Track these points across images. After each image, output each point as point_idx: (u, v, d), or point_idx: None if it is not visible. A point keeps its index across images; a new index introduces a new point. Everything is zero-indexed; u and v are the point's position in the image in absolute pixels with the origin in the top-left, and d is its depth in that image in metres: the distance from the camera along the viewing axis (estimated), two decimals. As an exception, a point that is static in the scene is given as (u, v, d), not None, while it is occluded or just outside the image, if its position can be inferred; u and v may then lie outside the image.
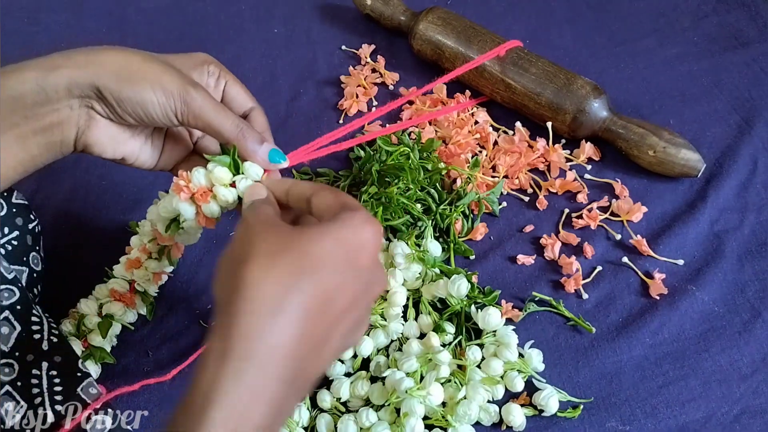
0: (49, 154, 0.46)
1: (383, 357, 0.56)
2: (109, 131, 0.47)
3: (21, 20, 0.88)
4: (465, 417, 0.51)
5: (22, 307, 0.51)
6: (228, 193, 0.48)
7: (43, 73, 0.43)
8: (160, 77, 0.45)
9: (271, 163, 0.48)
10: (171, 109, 0.45)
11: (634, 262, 0.60)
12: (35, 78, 0.43)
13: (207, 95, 0.46)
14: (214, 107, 0.46)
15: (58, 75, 0.43)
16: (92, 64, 0.44)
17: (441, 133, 0.69)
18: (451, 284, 0.55)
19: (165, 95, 0.45)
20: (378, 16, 0.80)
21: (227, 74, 0.52)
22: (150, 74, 0.44)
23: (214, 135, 0.47)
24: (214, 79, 0.51)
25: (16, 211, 0.58)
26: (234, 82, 0.52)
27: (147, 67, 0.45)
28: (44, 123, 0.44)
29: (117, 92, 0.44)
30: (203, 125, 0.46)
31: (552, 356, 0.55)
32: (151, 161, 0.51)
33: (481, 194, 0.63)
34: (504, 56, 0.68)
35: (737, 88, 0.71)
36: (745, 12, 0.78)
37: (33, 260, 0.58)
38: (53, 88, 0.43)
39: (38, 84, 0.43)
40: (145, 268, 0.58)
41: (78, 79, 0.43)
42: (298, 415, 0.53)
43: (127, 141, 0.49)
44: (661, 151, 0.62)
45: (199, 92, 0.45)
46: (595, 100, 0.64)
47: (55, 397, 0.48)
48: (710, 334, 0.56)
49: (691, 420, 0.52)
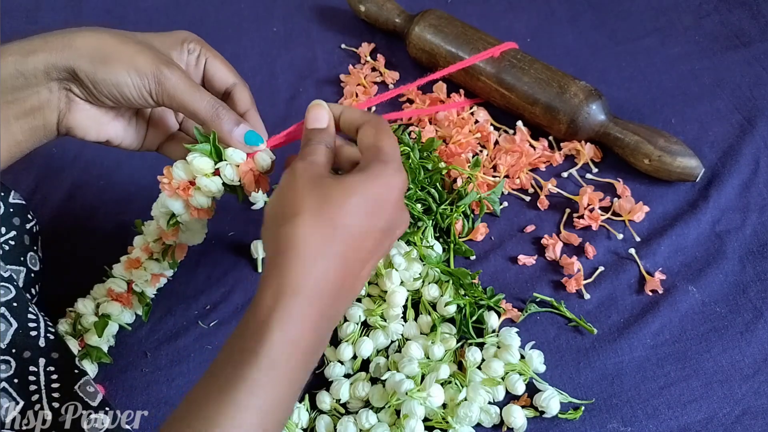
0: (33, 138, 0.46)
1: (383, 358, 0.56)
2: (90, 113, 0.47)
3: (20, 20, 0.88)
4: (466, 418, 0.50)
5: (19, 304, 0.51)
6: (210, 183, 0.47)
7: (21, 57, 0.43)
8: (133, 58, 0.44)
9: (247, 144, 0.48)
10: (146, 90, 0.45)
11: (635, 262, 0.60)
12: (13, 62, 0.43)
13: (182, 74, 0.46)
14: (188, 87, 0.46)
15: (36, 58, 0.43)
16: (67, 47, 0.44)
17: (441, 132, 0.69)
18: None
19: (139, 76, 0.44)
20: (373, 21, 0.80)
21: (208, 50, 0.51)
22: (124, 55, 0.44)
23: (190, 116, 0.47)
24: (194, 57, 0.51)
25: (14, 211, 0.58)
26: (214, 58, 0.51)
27: (121, 48, 0.45)
28: (25, 107, 0.45)
29: (92, 74, 0.44)
30: (177, 105, 0.46)
31: (553, 357, 0.55)
32: (135, 143, 0.52)
33: (481, 194, 0.63)
34: (498, 60, 0.67)
35: (739, 88, 0.71)
36: (746, 11, 0.78)
37: (31, 260, 0.58)
38: (32, 72, 0.44)
39: (17, 68, 0.43)
40: (144, 269, 0.58)
41: (54, 62, 0.44)
42: (297, 417, 0.52)
43: (110, 123, 0.49)
44: (657, 160, 0.62)
45: (173, 72, 0.45)
46: (590, 106, 0.64)
47: (53, 395, 0.48)
48: (712, 334, 0.55)
49: (693, 421, 0.51)
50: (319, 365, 0.57)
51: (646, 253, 0.60)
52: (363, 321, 0.57)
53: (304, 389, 0.55)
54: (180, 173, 0.48)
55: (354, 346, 0.56)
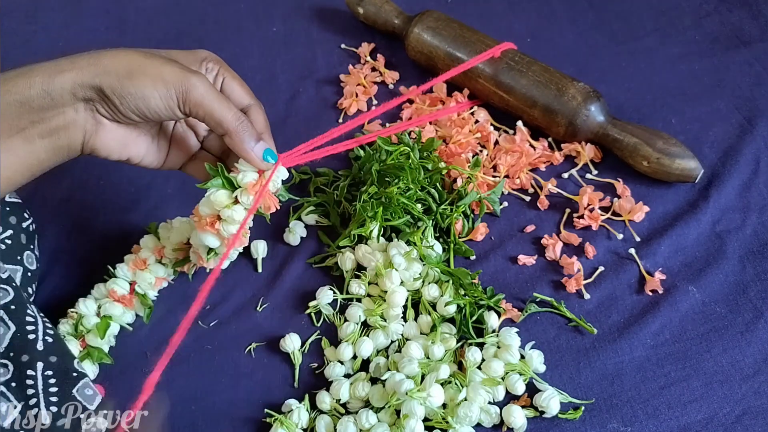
0: (55, 157, 0.47)
1: (383, 358, 0.56)
2: (115, 134, 0.48)
3: (20, 20, 0.88)
4: (466, 418, 0.50)
5: (17, 306, 0.51)
6: (233, 213, 0.49)
7: (49, 77, 0.44)
8: (159, 70, 0.45)
9: (263, 162, 0.49)
10: (173, 101, 0.46)
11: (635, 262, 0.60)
12: (41, 82, 0.44)
13: (208, 84, 0.47)
14: (216, 96, 0.47)
15: (63, 78, 0.44)
16: (94, 65, 0.45)
17: (441, 132, 0.69)
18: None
19: (166, 86, 0.45)
20: (372, 23, 0.80)
21: (226, 70, 0.52)
22: (150, 69, 0.45)
23: (215, 125, 0.48)
24: (212, 75, 0.52)
25: (10, 209, 0.58)
26: (232, 79, 0.52)
27: (147, 62, 0.46)
28: (50, 126, 0.45)
29: (119, 89, 0.45)
30: (204, 114, 0.47)
31: (553, 357, 0.55)
32: (157, 161, 0.53)
33: (481, 194, 0.63)
34: (497, 62, 0.67)
35: (739, 88, 0.71)
36: (746, 11, 0.78)
37: (28, 259, 0.58)
38: (58, 92, 0.44)
39: (44, 88, 0.44)
40: (149, 271, 0.58)
41: (81, 81, 0.44)
42: (297, 417, 0.52)
43: (133, 142, 0.50)
44: (655, 162, 0.62)
45: (200, 80, 0.46)
46: (588, 108, 0.64)
47: (51, 398, 0.48)
48: (712, 334, 0.55)
49: (693, 421, 0.51)
50: (319, 365, 0.57)
51: (646, 253, 0.60)
52: (363, 321, 0.57)
53: (304, 389, 0.55)
54: (205, 209, 0.49)
55: (354, 346, 0.56)
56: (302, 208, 0.65)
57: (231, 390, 0.56)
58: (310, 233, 0.64)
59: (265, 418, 0.53)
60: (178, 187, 0.68)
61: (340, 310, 0.59)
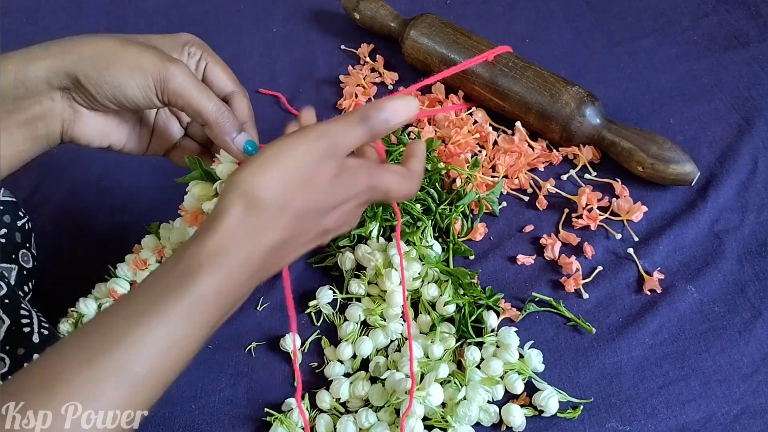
0: (35, 147, 0.46)
1: (383, 357, 0.56)
2: (94, 122, 0.47)
3: (20, 20, 0.88)
4: (465, 418, 0.51)
5: (11, 300, 0.50)
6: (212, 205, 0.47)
7: (21, 65, 0.43)
8: (136, 57, 0.44)
9: (243, 153, 0.47)
10: (150, 89, 0.44)
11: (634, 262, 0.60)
12: (14, 71, 0.42)
13: (188, 72, 0.45)
14: (196, 85, 0.45)
15: (36, 66, 0.43)
16: (69, 52, 0.43)
17: (440, 132, 0.69)
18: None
19: (143, 75, 0.44)
20: (368, 28, 0.80)
21: (210, 55, 0.50)
22: (126, 56, 0.44)
23: (194, 115, 0.46)
24: (194, 60, 0.50)
25: (4, 208, 0.58)
26: (215, 63, 0.50)
27: (124, 49, 0.44)
28: (27, 116, 0.44)
29: (95, 78, 0.43)
30: (183, 103, 0.45)
31: (552, 356, 0.55)
32: (139, 148, 0.51)
33: (480, 194, 0.63)
34: (492, 67, 0.67)
35: (737, 88, 0.71)
36: (745, 11, 0.78)
37: (23, 257, 0.58)
38: (33, 81, 0.43)
39: (17, 78, 0.42)
40: (149, 271, 0.58)
41: (55, 69, 0.43)
42: (297, 416, 0.52)
43: (114, 130, 0.48)
44: (650, 168, 0.62)
45: (179, 68, 0.44)
46: (582, 114, 0.64)
47: None
48: (710, 334, 0.55)
49: (692, 420, 0.51)
50: (319, 365, 0.57)
51: (644, 253, 0.60)
52: (362, 320, 0.58)
53: (305, 388, 0.55)
54: (190, 203, 0.48)
55: (354, 346, 0.56)
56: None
57: (231, 389, 0.56)
58: (310, 233, 0.64)
59: (265, 417, 0.54)
60: (176, 187, 0.68)
61: (339, 310, 0.59)
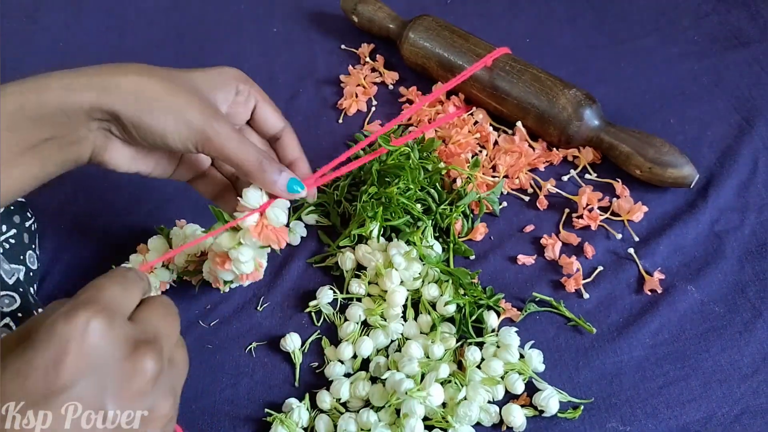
0: (62, 169, 0.46)
1: (383, 357, 0.56)
2: (125, 151, 0.47)
3: (20, 19, 0.88)
4: (465, 418, 0.50)
5: (24, 314, 0.51)
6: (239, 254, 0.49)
7: (65, 95, 0.42)
8: (183, 111, 0.44)
9: (288, 192, 0.48)
10: (191, 142, 0.45)
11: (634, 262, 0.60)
12: (58, 101, 0.42)
13: (230, 129, 0.45)
14: (237, 141, 0.45)
15: (80, 99, 0.43)
16: (112, 88, 0.43)
17: (441, 132, 0.69)
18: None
19: (187, 128, 0.44)
20: (367, 30, 0.80)
21: (258, 93, 0.51)
22: (173, 106, 0.44)
23: (234, 166, 0.47)
24: (243, 98, 0.50)
25: (14, 209, 0.58)
26: (264, 103, 0.51)
27: (170, 98, 0.44)
28: (61, 142, 0.44)
29: (136, 121, 0.44)
30: (224, 158, 0.46)
31: (552, 357, 0.55)
32: (165, 174, 0.52)
33: (481, 194, 0.63)
34: (490, 71, 0.67)
35: (738, 88, 0.71)
36: (745, 11, 0.78)
37: (29, 259, 0.58)
38: (75, 112, 0.43)
39: (60, 108, 0.42)
40: (155, 276, 0.58)
41: (98, 105, 0.43)
42: (298, 416, 0.52)
43: (143, 158, 0.49)
44: (647, 171, 0.62)
45: (222, 126, 0.45)
46: (580, 118, 0.63)
47: None
48: (711, 334, 0.55)
49: (692, 420, 0.51)
50: (320, 365, 0.57)
51: (645, 253, 0.60)
52: (363, 320, 0.58)
53: (305, 388, 0.55)
54: (220, 246, 0.50)
55: (354, 346, 0.56)
56: (302, 208, 0.65)
57: (231, 389, 0.56)
58: (311, 233, 0.65)
59: (266, 417, 0.54)
60: (179, 188, 0.68)
61: (340, 310, 0.59)
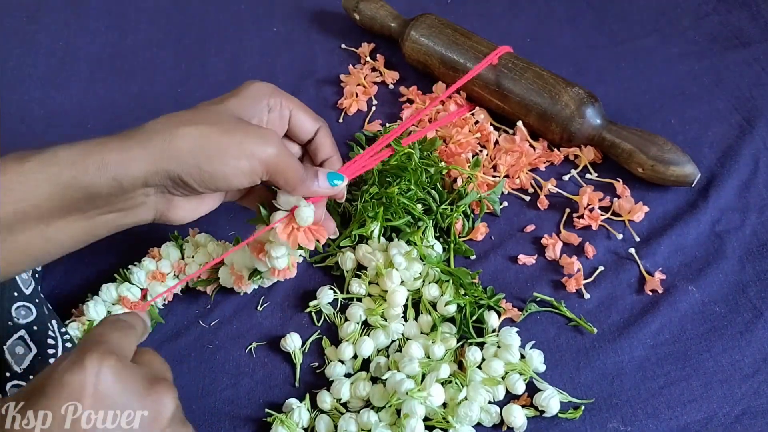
0: (115, 231, 0.46)
1: (383, 358, 0.56)
2: (186, 205, 0.48)
3: (20, 19, 0.88)
4: (466, 418, 0.50)
5: (39, 327, 0.51)
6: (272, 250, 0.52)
7: (120, 165, 0.42)
8: (242, 146, 0.45)
9: (332, 187, 0.51)
10: (256, 174, 0.46)
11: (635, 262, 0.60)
12: (113, 171, 0.42)
13: (282, 146, 0.47)
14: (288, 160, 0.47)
15: (136, 167, 0.42)
16: (168, 151, 0.43)
17: (441, 132, 0.69)
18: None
19: (249, 162, 0.45)
20: (368, 28, 0.80)
21: (289, 101, 0.52)
22: (231, 147, 0.44)
23: (284, 186, 0.49)
24: (277, 111, 0.51)
25: None
26: (298, 109, 0.52)
27: (226, 139, 0.44)
28: (114, 209, 0.44)
29: (197, 175, 0.44)
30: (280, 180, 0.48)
31: (553, 357, 0.55)
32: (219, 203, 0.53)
33: (482, 194, 0.63)
34: (492, 69, 0.67)
35: (738, 88, 0.71)
36: (746, 11, 0.78)
37: None
38: (130, 182, 0.42)
39: (115, 178, 0.42)
40: (165, 285, 0.58)
41: (155, 171, 0.43)
42: (298, 416, 0.52)
43: (203, 203, 0.50)
44: (650, 169, 0.62)
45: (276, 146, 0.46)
46: (582, 116, 0.63)
47: None
48: (712, 334, 0.55)
49: (693, 420, 0.51)
50: (320, 365, 0.57)
51: (645, 253, 0.60)
52: (363, 320, 0.58)
53: (305, 388, 0.55)
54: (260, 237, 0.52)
55: (354, 346, 0.56)
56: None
57: (231, 389, 0.56)
58: (311, 233, 0.64)
59: (266, 417, 0.53)
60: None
61: (340, 310, 0.59)
